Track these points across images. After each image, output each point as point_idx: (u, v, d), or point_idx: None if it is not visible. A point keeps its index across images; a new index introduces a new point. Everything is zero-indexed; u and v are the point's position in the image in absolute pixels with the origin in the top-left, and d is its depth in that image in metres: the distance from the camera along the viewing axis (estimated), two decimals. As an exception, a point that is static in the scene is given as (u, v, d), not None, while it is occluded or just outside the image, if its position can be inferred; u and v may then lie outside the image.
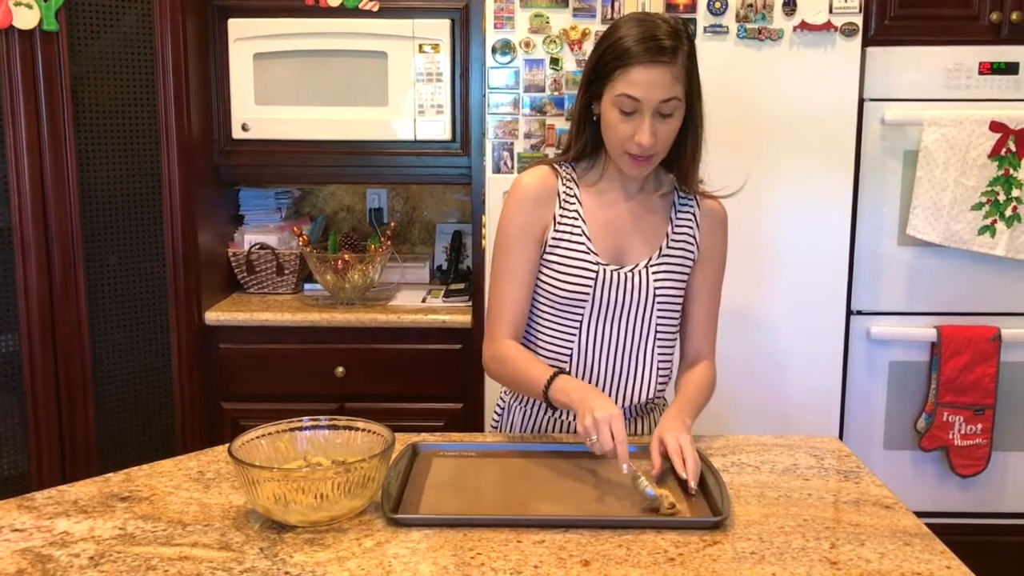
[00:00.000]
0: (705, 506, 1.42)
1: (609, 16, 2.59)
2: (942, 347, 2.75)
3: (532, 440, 1.73)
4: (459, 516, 1.38)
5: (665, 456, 1.54)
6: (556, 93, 2.61)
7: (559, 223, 1.75)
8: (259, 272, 3.05)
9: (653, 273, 1.74)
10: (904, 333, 2.80)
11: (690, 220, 1.78)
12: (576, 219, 1.75)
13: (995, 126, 2.65)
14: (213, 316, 2.79)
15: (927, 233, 2.70)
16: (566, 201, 1.75)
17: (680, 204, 1.78)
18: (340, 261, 2.85)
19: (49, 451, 2.43)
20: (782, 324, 2.71)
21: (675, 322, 1.80)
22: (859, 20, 2.60)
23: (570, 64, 2.61)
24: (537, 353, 1.80)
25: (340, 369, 2.77)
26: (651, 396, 1.80)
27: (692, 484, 1.47)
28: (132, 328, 2.59)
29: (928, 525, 1.38)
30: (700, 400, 1.75)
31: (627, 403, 1.79)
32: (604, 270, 1.73)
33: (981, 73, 2.69)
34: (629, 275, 1.74)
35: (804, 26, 2.59)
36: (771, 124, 2.64)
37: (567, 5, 2.59)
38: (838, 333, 2.73)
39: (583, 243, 1.74)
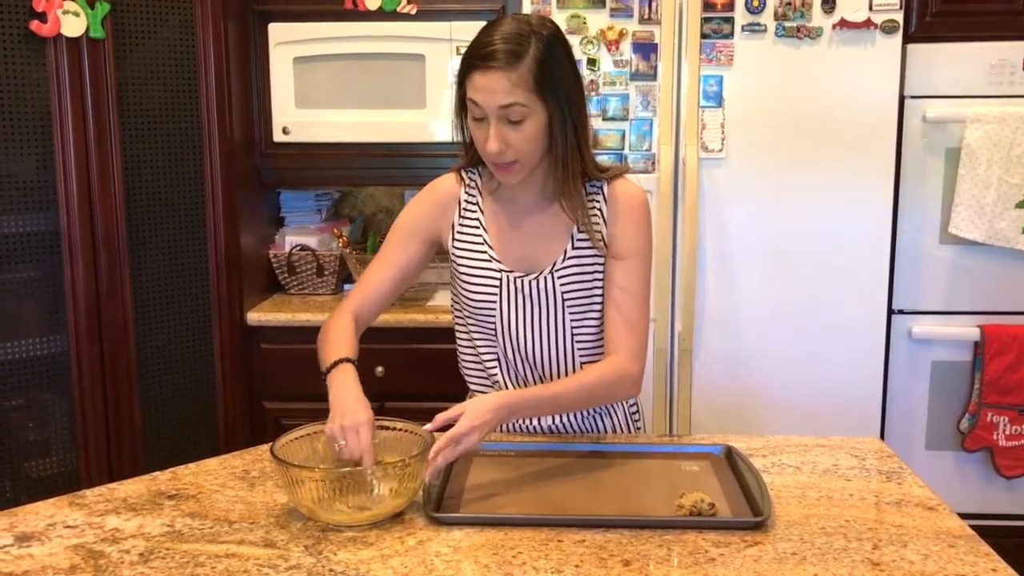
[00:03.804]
0: (746, 506, 1.42)
1: (647, 16, 2.58)
2: (985, 347, 2.72)
3: (572, 440, 1.74)
4: (500, 516, 1.39)
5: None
6: (594, 94, 2.61)
7: (459, 232, 1.74)
8: (300, 273, 3.08)
9: (559, 277, 1.69)
10: (946, 332, 2.77)
11: (596, 215, 1.70)
12: (477, 227, 1.73)
13: (1040, 122, 2.61)
14: (255, 317, 2.83)
15: (970, 231, 2.67)
16: (466, 210, 1.74)
17: (587, 200, 1.68)
18: (379, 262, 2.87)
19: (96, 449, 2.48)
20: (823, 323, 2.69)
21: (596, 326, 1.73)
22: (900, 17, 2.57)
23: (607, 65, 2.61)
24: (468, 365, 1.81)
25: (380, 369, 2.79)
26: None
27: (424, 476, 1.42)
28: (176, 329, 2.64)
29: (971, 527, 1.37)
30: (557, 394, 1.61)
31: None
32: (507, 277, 1.70)
33: (1025, 69, 2.66)
34: (534, 282, 1.70)
35: (843, 24, 2.57)
36: (811, 123, 2.62)
37: (604, 5, 2.59)
38: (879, 332, 2.71)
39: (484, 251, 1.72)
